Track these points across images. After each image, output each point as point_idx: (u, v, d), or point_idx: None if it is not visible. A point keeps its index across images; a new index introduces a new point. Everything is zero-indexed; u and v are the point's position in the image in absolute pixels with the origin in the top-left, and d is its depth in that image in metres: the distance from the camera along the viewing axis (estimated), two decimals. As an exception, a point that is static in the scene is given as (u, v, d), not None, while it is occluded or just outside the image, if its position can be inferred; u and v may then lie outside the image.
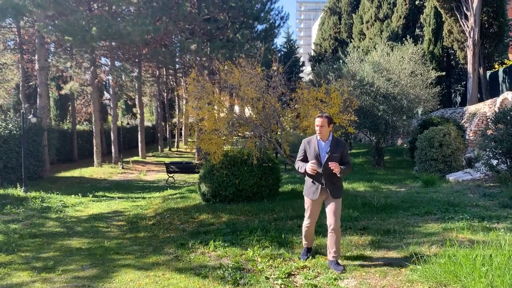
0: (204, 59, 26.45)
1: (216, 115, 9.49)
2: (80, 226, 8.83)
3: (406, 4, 29.22)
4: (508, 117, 9.55)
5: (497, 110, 15.32)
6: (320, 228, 6.18)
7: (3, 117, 15.28)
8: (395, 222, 6.88)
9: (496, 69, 25.68)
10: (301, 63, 46.10)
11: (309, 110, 8.76)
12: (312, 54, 46.27)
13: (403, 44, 17.47)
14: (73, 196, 12.62)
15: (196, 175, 16.86)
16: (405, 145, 24.02)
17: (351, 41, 37.24)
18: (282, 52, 45.30)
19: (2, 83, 26.31)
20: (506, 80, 23.58)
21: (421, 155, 13.19)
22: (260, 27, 27.78)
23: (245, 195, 9.70)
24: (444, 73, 22.20)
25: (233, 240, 6.45)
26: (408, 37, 20.62)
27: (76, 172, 19.39)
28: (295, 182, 13.30)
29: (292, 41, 49.90)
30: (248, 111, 10.36)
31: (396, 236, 6.04)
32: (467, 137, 16.36)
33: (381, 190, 11.05)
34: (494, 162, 9.94)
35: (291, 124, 9.72)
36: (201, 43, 24.01)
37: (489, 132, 10.26)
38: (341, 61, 19.04)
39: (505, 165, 9.71)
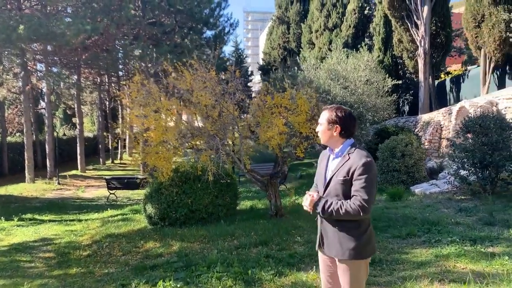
0: (150, 65, 24.89)
1: (164, 124, 8.22)
2: (-4, 261, 7.19)
3: (355, 14, 29.31)
4: (478, 126, 9.06)
5: (453, 119, 15.16)
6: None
7: None
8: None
9: (443, 79, 26.21)
10: (249, 73, 45.58)
11: (272, 119, 7.73)
12: (261, 63, 45.84)
13: (358, 51, 17.06)
14: (-7, 220, 10.75)
15: (142, 191, 15.41)
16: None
17: (300, 51, 37.12)
18: (231, 61, 44.50)
19: None
20: (454, 89, 24.02)
21: (382, 166, 12.59)
22: (209, 33, 26.73)
23: (199, 217, 8.50)
24: (400, 81, 22.18)
25: (187, 277, 5.22)
26: (358, 46, 20.40)
27: (2, 190, 17.15)
28: (252, 197, 12.23)
29: (240, 50, 49.21)
30: (199, 120, 9.19)
31: (384, 267, 5.09)
32: (422, 146, 16.10)
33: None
34: (464, 173, 9.41)
35: (249, 134, 8.65)
36: (146, 48, 22.49)
37: (457, 141, 9.75)
38: (295, 68, 18.33)
39: (475, 176, 9.20)
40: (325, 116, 2.85)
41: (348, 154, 2.77)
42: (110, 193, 14.66)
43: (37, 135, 28.39)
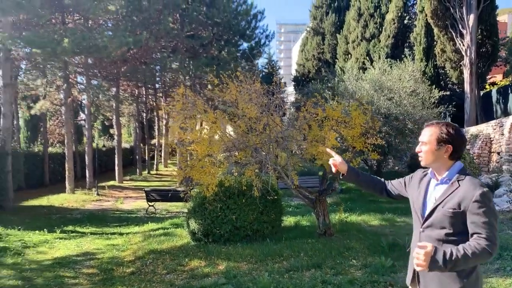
0: (187, 77, 25.05)
1: (209, 137, 7.98)
2: (41, 276, 7.07)
3: (394, 23, 28.60)
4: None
5: (506, 133, 14.29)
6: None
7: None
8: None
9: (489, 90, 25.05)
10: (279, 84, 45.29)
11: (320, 132, 7.35)
12: (294, 75, 45.55)
13: (402, 61, 16.45)
14: (37, 232, 10.75)
15: (180, 203, 15.27)
16: (397, 168, 22.90)
17: (335, 61, 36.59)
18: (264, 73, 44.44)
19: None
20: (500, 101, 22.86)
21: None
22: (245, 45, 26.72)
23: (244, 234, 8.17)
24: (448, 92, 21.29)
25: (240, 303, 4.88)
26: (397, 56, 19.76)
27: (44, 200, 17.40)
28: (293, 212, 11.80)
29: (273, 62, 49.17)
30: (230, 132, 8.89)
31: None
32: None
33: (398, 224, 9.65)
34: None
35: (297, 149, 8.30)
36: (184, 60, 22.63)
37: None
38: (335, 79, 17.87)
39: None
40: (432, 133, 2.41)
41: (458, 181, 2.32)
42: (149, 205, 14.56)
43: (76, 146, 28.94)
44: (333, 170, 2.81)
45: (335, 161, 2.79)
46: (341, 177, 2.88)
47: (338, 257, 6.57)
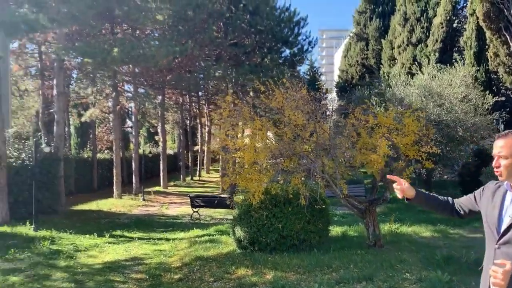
0: (230, 85, 25.29)
1: (256, 145, 7.93)
2: (92, 280, 7.24)
3: (443, 27, 27.63)
4: None
5: None
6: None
7: (16, 146, 14.07)
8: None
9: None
10: (324, 90, 44.81)
11: (370, 139, 7.12)
12: (337, 81, 44.98)
13: (453, 66, 15.80)
14: (87, 236, 11.09)
15: (223, 210, 15.33)
16: (446, 177, 21.96)
17: (380, 67, 35.82)
18: (306, 79, 44.17)
19: (22, 110, 25.57)
20: (558, 107, 21.50)
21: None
22: (287, 51, 26.65)
23: (290, 243, 8.02)
24: (503, 98, 20.28)
25: (290, 315, 4.75)
26: (446, 61, 18.99)
27: (94, 205, 17.99)
28: (340, 222, 11.52)
29: (315, 68, 48.74)
30: (273, 140, 8.77)
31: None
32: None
33: (452, 236, 9.19)
34: None
35: (345, 157, 8.10)
36: (227, 68, 22.87)
37: None
38: (382, 85, 17.42)
39: None
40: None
41: None
42: (194, 211, 14.71)
43: (123, 152, 29.84)
44: (399, 196, 2.63)
45: (401, 186, 2.60)
46: (406, 201, 2.70)
47: (390, 270, 6.30)
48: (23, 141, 15.84)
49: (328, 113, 9.95)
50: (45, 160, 14.02)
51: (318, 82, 41.30)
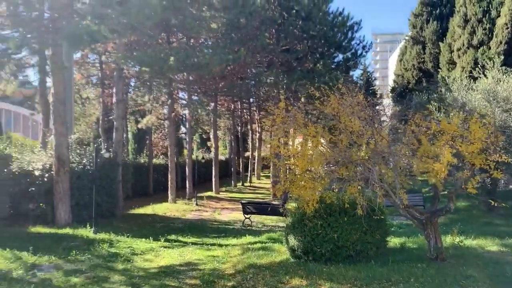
0: (281, 91, 25.27)
1: (310, 152, 7.77)
2: (148, 284, 7.37)
3: (508, 28, 26.05)
4: None
5: None
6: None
7: (78, 151, 14.77)
8: None
9: None
10: (378, 96, 43.72)
11: (437, 148, 6.72)
12: (392, 86, 43.65)
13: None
14: (143, 239, 11.38)
15: (275, 217, 15.23)
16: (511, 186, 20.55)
17: (437, 71, 34.37)
18: (359, 84, 43.26)
19: (84, 117, 26.93)
20: None
21: None
22: (341, 56, 26.25)
23: (346, 254, 7.77)
24: None
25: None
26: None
27: (149, 209, 18.52)
28: (397, 232, 11.04)
29: (368, 73, 47.65)
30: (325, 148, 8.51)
31: None
32: None
33: (523, 251, 8.51)
34: None
35: (404, 165, 7.73)
36: (279, 74, 22.85)
37: None
38: (442, 89, 16.64)
39: None
40: None
41: None
42: (246, 217, 14.72)
43: (177, 158, 30.58)
44: None
45: None
46: None
47: (455, 286, 5.91)
48: (84, 146, 16.62)
49: (385, 119, 9.63)
50: (104, 165, 14.60)
51: (372, 87, 40.33)
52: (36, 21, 12.12)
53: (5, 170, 12.43)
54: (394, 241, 9.47)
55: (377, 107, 10.63)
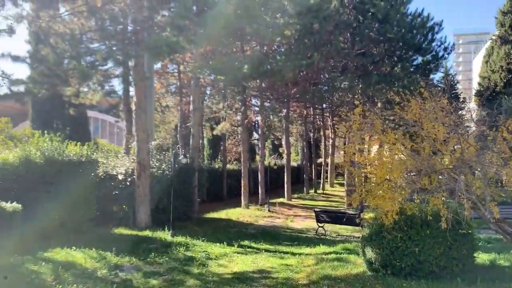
0: (356, 96, 24.60)
1: (389, 160, 7.41)
2: (222, 289, 7.45)
3: None
4: None
5: None
6: None
7: (157, 157, 15.47)
8: None
9: None
10: (461, 99, 41.00)
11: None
12: (477, 89, 40.76)
13: None
14: (218, 244, 11.57)
15: (350, 227, 14.74)
16: None
17: (531, 72, 31.52)
18: (439, 88, 40.91)
19: (163, 124, 28.27)
20: None
21: None
22: (420, 59, 24.99)
23: (428, 269, 7.27)
24: None
25: None
26: None
27: (223, 214, 18.88)
28: (487, 248, 10.14)
29: (450, 76, 44.92)
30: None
31: None
32: None
33: None
34: None
35: (494, 175, 7.09)
36: (353, 79, 22.27)
37: None
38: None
39: None
40: None
41: None
42: (319, 226, 14.43)
43: (250, 164, 30.96)
44: None
45: None
46: None
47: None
48: (163, 152, 17.39)
49: (470, 124, 8.94)
50: (182, 170, 15.14)
51: (454, 91, 37.96)
52: (120, 34, 12.93)
53: (93, 174, 13.31)
54: (482, 257, 8.71)
55: (461, 112, 9.92)
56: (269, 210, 21.07)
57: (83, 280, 7.31)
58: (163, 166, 14.82)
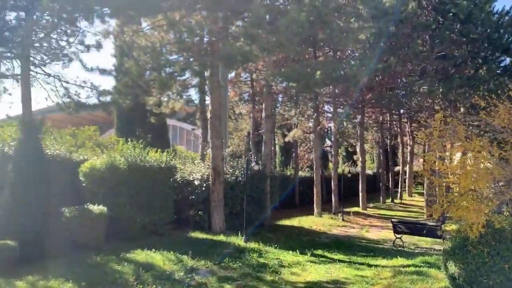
0: (436, 101, 23.33)
1: (475, 169, 6.90)
2: (294, 298, 7.39)
3: None
4: None
5: None
6: None
7: (231, 163, 15.81)
8: None
9: None
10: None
11: None
12: None
13: None
14: (290, 252, 11.53)
15: (429, 239, 13.93)
16: None
17: None
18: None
19: (236, 131, 28.91)
20: None
21: None
22: (508, 60, 23.09)
23: (521, 289, 6.61)
24: None
25: None
26: None
27: (295, 221, 18.78)
28: None
29: (545, 77, 40.94)
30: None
31: None
32: None
33: None
34: None
35: None
36: (433, 83, 21.15)
37: None
38: None
39: None
40: None
41: None
42: (396, 237, 13.82)
43: (322, 171, 30.55)
44: None
45: None
46: None
47: None
48: (236, 159, 17.75)
49: None
50: (254, 176, 15.33)
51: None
52: (197, 45, 13.46)
53: (171, 179, 13.93)
54: None
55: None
56: (343, 219, 20.60)
57: (161, 282, 7.65)
58: (236, 173, 15.11)
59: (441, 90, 21.49)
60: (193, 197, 14.25)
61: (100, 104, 12.02)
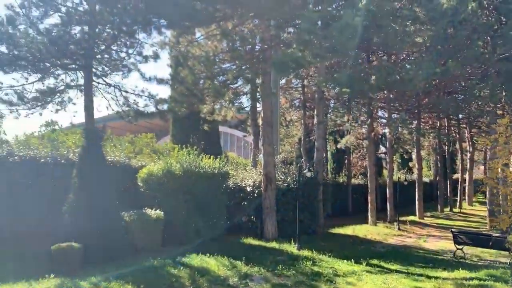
0: (499, 105, 22.06)
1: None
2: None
3: None
4: None
5: None
6: None
7: (282, 170, 15.78)
8: None
9: None
10: None
11: None
12: None
13: None
14: (345, 261, 11.26)
15: (493, 251, 13.12)
16: None
17: None
18: None
19: (287, 138, 28.86)
20: None
21: None
22: None
23: None
24: None
25: None
26: None
27: (349, 230, 18.36)
28: None
29: None
30: None
31: None
32: None
33: None
34: None
35: None
36: (496, 86, 20.02)
37: None
38: None
39: None
40: None
41: None
42: (457, 248, 13.14)
43: (377, 179, 29.74)
44: None
45: None
46: None
47: None
48: (288, 165, 17.69)
49: None
50: (306, 183, 15.19)
51: None
52: (249, 53, 13.62)
53: (224, 185, 14.13)
54: None
55: None
56: (399, 229, 19.89)
57: (216, 287, 7.73)
58: (288, 179, 15.06)
59: (504, 93, 20.32)
60: (245, 203, 14.37)
61: (157, 112, 12.42)
